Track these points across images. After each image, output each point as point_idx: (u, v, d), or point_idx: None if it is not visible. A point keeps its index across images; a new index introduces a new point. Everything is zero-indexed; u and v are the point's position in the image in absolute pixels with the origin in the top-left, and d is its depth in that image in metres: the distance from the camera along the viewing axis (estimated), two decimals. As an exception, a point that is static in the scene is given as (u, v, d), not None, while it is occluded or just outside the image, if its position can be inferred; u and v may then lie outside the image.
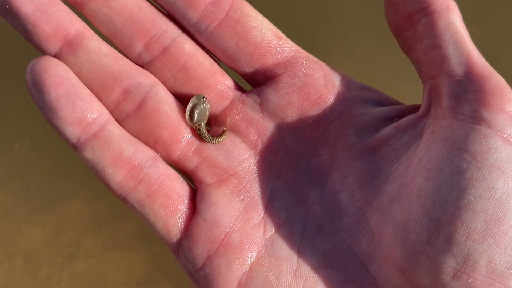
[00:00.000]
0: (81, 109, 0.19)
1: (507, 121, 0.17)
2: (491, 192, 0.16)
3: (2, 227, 0.48)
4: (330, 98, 0.21)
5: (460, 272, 0.17)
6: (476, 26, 0.50)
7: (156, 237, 0.48)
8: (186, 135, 0.21)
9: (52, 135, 0.51)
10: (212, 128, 0.22)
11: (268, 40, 0.21)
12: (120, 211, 0.49)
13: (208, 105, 0.21)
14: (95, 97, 0.20)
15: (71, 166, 0.50)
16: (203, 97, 0.21)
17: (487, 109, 0.17)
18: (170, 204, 0.20)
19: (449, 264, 0.17)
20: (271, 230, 0.20)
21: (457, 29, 0.18)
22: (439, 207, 0.17)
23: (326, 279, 0.19)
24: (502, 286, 0.16)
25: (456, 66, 0.18)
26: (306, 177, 0.21)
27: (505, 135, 0.17)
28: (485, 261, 0.16)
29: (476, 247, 0.16)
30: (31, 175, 0.50)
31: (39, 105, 0.19)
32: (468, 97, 0.17)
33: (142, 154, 0.20)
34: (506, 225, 0.16)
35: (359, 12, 0.49)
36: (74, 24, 0.20)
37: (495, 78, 0.18)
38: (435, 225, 0.17)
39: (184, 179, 0.21)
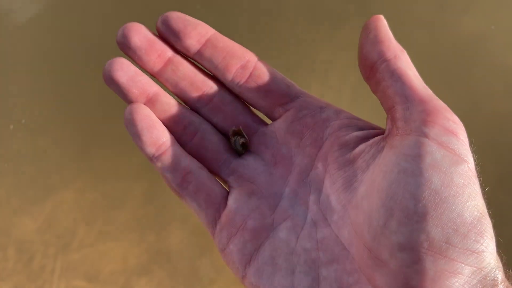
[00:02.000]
0: (155, 136, 0.28)
1: (441, 132, 0.22)
2: (428, 184, 0.21)
3: (-5, 218, 0.48)
4: (324, 124, 0.28)
5: (406, 246, 0.21)
6: (467, 16, 0.51)
7: (149, 228, 0.48)
8: (223, 156, 0.29)
9: (47, 121, 0.51)
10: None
11: (281, 88, 0.29)
12: (113, 201, 0.49)
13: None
14: (166, 129, 0.29)
15: (64, 156, 0.50)
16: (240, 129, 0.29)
17: (425, 124, 0.23)
18: (210, 200, 0.28)
19: (399, 240, 0.21)
20: (279, 222, 0.27)
21: (402, 71, 0.24)
22: (391, 199, 0.22)
23: (317, 258, 0.25)
24: (442, 257, 0.21)
25: (404, 97, 0.24)
26: (308, 185, 0.28)
27: (439, 142, 0.22)
28: (425, 236, 0.21)
29: (417, 226, 0.21)
30: (24, 166, 0.50)
31: (131, 133, 0.28)
32: (413, 117, 0.23)
33: (193, 165, 0.28)
34: (441, 209, 0.21)
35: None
36: (153, 87, 0.29)
37: (434, 102, 0.23)
38: (389, 212, 0.22)
39: (221, 184, 0.29)
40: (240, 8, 0.59)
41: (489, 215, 0.22)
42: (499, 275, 0.21)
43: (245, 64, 0.30)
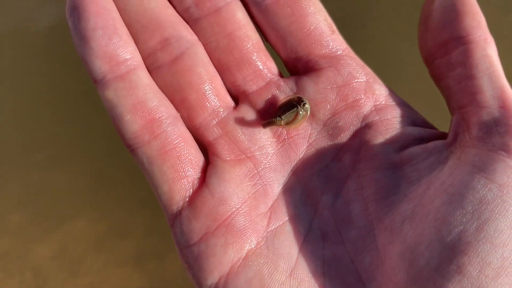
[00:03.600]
0: (115, 46, 0.18)
1: None
2: None
3: (15, 244, 0.54)
4: (366, 104, 0.20)
5: None
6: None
7: (150, 256, 0.53)
8: (214, 103, 0.20)
9: (65, 154, 0.56)
10: (240, 104, 0.21)
11: (321, 30, 0.20)
12: (119, 231, 0.54)
13: (306, 112, 0.20)
14: (132, 38, 0.19)
15: (77, 188, 0.56)
16: (304, 103, 0.20)
17: None
18: (180, 168, 0.19)
19: None
20: (275, 223, 0.19)
21: (493, 62, 0.18)
22: (455, 234, 0.16)
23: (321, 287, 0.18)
24: None
25: (489, 98, 0.18)
26: (322, 179, 0.20)
27: None
28: None
29: (488, 283, 0.15)
30: (41, 197, 0.55)
31: (74, 32, 0.18)
32: (499, 129, 0.17)
33: (165, 109, 0.19)
34: None
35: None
36: None
37: None
38: (448, 252, 0.16)
39: (198, 147, 0.20)
40: None
41: None
42: None
43: None
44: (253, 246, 0.19)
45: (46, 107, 0.58)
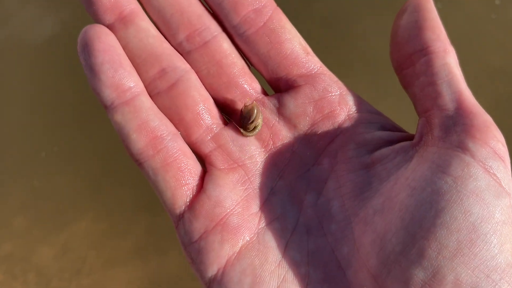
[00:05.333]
0: (120, 76, 0.21)
1: (489, 154, 0.18)
2: (467, 215, 0.17)
3: (18, 246, 0.54)
4: (340, 114, 0.23)
5: (427, 285, 0.17)
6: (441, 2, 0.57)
7: (151, 254, 0.54)
8: (207, 121, 0.23)
9: (68, 155, 0.57)
10: (231, 121, 0.24)
11: (297, 53, 0.23)
12: (120, 231, 0.55)
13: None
14: (134, 69, 0.22)
15: (79, 190, 0.57)
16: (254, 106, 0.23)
17: (473, 141, 0.19)
18: (180, 177, 0.22)
19: (419, 276, 0.18)
20: (265, 221, 0.22)
21: (452, 69, 0.20)
22: (416, 222, 0.18)
23: (306, 275, 0.21)
24: None
25: (448, 101, 0.20)
26: (306, 181, 0.22)
27: (486, 166, 0.18)
28: (452, 278, 0.17)
29: (446, 263, 0.17)
30: (45, 199, 0.57)
31: (85, 66, 0.21)
32: (457, 129, 0.19)
33: (165, 128, 0.22)
34: (477, 248, 0.17)
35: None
36: (131, 4, 0.22)
37: (483, 116, 0.19)
38: (410, 238, 0.18)
39: (196, 158, 0.23)
40: None
41: None
42: None
43: (260, 9, 0.23)
44: (246, 242, 0.21)
45: (48, 111, 0.59)
